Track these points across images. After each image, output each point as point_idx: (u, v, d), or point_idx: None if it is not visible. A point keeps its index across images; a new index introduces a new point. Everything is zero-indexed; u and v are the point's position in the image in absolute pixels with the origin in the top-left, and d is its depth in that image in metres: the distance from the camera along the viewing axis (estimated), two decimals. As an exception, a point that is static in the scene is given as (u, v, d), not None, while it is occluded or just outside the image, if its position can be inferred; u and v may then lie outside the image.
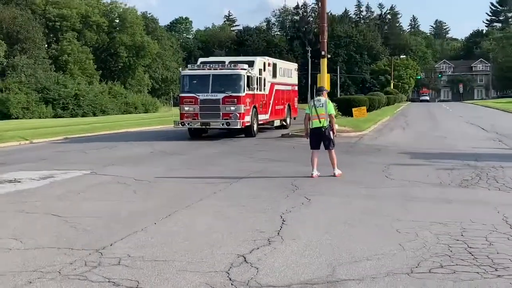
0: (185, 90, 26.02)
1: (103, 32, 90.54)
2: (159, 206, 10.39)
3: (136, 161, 17.91)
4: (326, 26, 29.56)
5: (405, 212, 9.67)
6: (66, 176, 14.49)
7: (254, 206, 10.21)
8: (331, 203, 10.47)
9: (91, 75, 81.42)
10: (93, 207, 10.39)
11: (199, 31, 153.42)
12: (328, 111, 13.87)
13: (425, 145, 22.00)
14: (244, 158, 18.27)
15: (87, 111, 62.79)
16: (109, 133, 31.95)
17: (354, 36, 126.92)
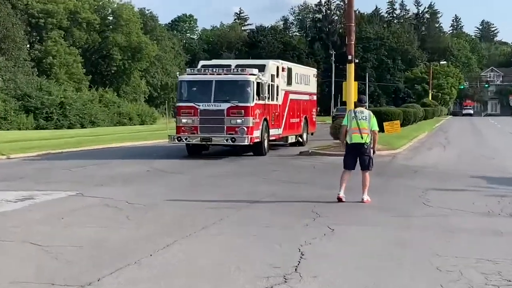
0: (183, 98, 25.46)
1: (94, 31, 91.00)
2: (156, 234, 10.30)
3: (129, 181, 17.85)
4: (354, 26, 29.53)
5: (446, 245, 9.52)
6: (48, 197, 14.44)
7: (267, 236, 10.10)
8: (358, 234, 10.35)
9: (80, 80, 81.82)
10: (79, 234, 10.31)
11: (205, 30, 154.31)
12: (372, 126, 13.71)
13: (469, 167, 21.81)
14: (256, 179, 18.20)
15: (74, 122, 62.92)
16: (99, 148, 31.96)
17: (385, 38, 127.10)
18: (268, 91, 26.24)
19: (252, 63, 28.85)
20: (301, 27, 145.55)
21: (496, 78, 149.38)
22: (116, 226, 11.05)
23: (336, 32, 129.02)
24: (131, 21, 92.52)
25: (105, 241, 9.81)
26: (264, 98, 25.61)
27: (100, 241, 9.81)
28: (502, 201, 13.90)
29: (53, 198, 14.39)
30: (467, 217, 11.97)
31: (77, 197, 14.62)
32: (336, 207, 13.15)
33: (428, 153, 28.56)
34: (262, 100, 25.40)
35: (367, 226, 11.02)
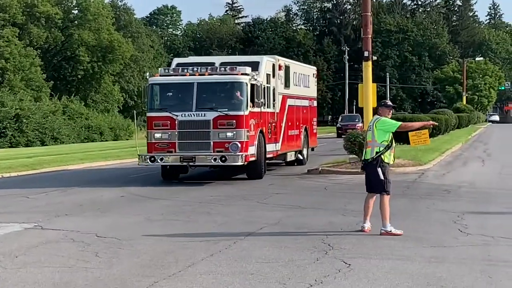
0: (155, 107, 24.09)
1: (55, 27, 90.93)
2: (131, 274, 10.18)
3: (100, 209, 17.79)
4: (371, 17, 29.56)
5: (489, 282, 9.44)
6: (0, 231, 14.33)
7: (268, 275, 9.98)
8: (381, 270, 10.22)
9: (39, 87, 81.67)
10: (36, 276, 10.18)
11: (191, 25, 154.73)
12: (378, 136, 13.32)
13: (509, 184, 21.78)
14: (254, 204, 18.10)
15: (33, 138, 62.89)
16: (63, 170, 31.88)
17: (409, 31, 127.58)
18: (264, 95, 24.84)
19: (243, 59, 27.83)
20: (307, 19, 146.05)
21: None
22: (82, 265, 10.90)
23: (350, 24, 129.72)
24: (100, 15, 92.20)
25: (68, 284, 9.68)
26: (260, 105, 24.16)
27: (62, 284, 9.68)
28: (556, 226, 13.84)
29: (5, 232, 14.27)
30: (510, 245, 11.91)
31: (36, 230, 14.50)
32: (352, 237, 13.03)
33: (463, 169, 28.48)
34: (258, 107, 23.95)
35: (391, 260, 10.90)
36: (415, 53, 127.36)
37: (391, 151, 13.36)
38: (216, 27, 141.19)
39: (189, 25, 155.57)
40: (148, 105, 24.24)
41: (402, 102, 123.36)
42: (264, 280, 9.71)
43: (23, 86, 78.50)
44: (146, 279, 9.82)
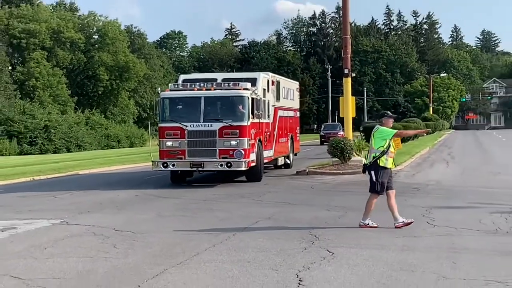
0: (167, 118, 23.28)
1: (78, 50, 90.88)
2: (144, 263, 10.14)
3: (117, 206, 17.74)
4: (350, 39, 29.57)
5: (453, 267, 9.39)
6: (31, 227, 14.27)
7: (262, 262, 9.95)
8: (360, 258, 10.19)
9: (65, 102, 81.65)
10: (62, 266, 10.13)
11: (195, 47, 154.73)
12: (375, 143, 13.24)
13: (475, 183, 21.75)
14: (250, 202, 18.06)
15: (60, 146, 62.77)
16: (86, 173, 31.86)
17: (383, 51, 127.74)
18: (261, 108, 24.21)
19: (241, 76, 27.14)
20: (295, 42, 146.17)
21: (499, 89, 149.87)
22: (102, 255, 10.87)
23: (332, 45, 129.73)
24: (117, 39, 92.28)
25: (90, 272, 9.64)
26: (260, 116, 23.76)
27: (85, 272, 9.64)
28: (510, 218, 13.81)
29: (36, 227, 14.21)
30: (473, 236, 11.86)
31: (62, 225, 14.45)
32: (335, 229, 13.01)
33: (430, 170, 28.46)
34: (257, 118, 23.49)
35: (369, 249, 10.86)
36: (389, 70, 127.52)
37: (388, 156, 13.11)
38: (217, 49, 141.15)
39: (194, 48, 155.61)
40: (160, 116, 23.51)
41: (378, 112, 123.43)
42: (259, 267, 9.68)
43: (51, 101, 78.46)
44: (157, 267, 9.79)
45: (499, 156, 35.41)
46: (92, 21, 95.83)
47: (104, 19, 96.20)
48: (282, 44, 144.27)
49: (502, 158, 34.34)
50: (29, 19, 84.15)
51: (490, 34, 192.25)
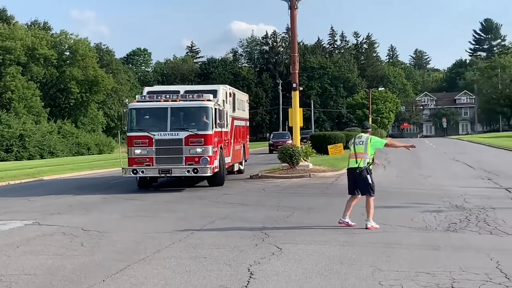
0: (135, 128, 22.28)
1: (51, 65, 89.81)
2: (109, 260, 10.02)
3: (86, 208, 17.51)
4: (298, 57, 29.73)
5: (388, 260, 9.45)
6: (5, 227, 14.04)
7: (217, 258, 9.90)
8: (305, 253, 10.21)
9: (38, 113, 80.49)
10: (33, 262, 9.97)
11: (159, 63, 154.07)
12: (375, 145, 13.12)
13: (408, 185, 21.96)
14: (208, 203, 17.97)
15: (34, 153, 61.93)
16: (58, 178, 31.40)
17: (328, 67, 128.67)
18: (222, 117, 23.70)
19: (202, 88, 26.51)
20: (249, 59, 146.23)
21: (430, 102, 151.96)
22: (70, 253, 10.72)
23: (282, 62, 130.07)
24: (87, 55, 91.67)
25: (59, 268, 9.49)
26: (222, 126, 23.29)
27: (54, 268, 9.49)
28: (438, 216, 13.95)
29: (10, 227, 13.99)
30: (406, 233, 11.95)
31: (34, 226, 14.23)
32: (284, 227, 13.02)
33: (369, 173, 28.61)
34: (220, 127, 23.02)
35: (313, 245, 10.88)
36: (333, 85, 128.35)
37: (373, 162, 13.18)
38: (179, 65, 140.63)
39: (158, 63, 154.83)
40: (128, 126, 22.53)
41: (323, 122, 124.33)
42: (215, 262, 9.63)
43: (26, 112, 77.23)
44: (121, 263, 9.68)
45: (429, 161, 35.84)
46: (64, 39, 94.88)
47: (75, 37, 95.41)
48: (238, 61, 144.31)
49: (432, 163, 34.77)
50: (5, 37, 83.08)
51: (422, 53, 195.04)
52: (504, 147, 52.89)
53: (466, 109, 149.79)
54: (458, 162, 34.32)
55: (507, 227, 12.21)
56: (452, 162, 35.17)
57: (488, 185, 21.39)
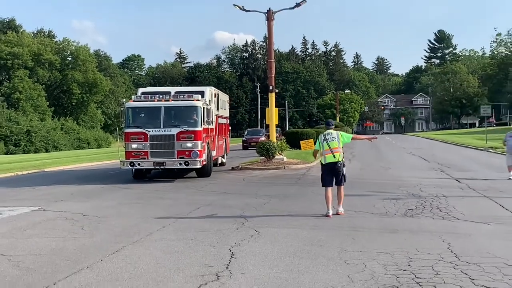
0: (131, 125, 21.94)
1: (55, 69, 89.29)
2: (106, 242, 9.95)
3: (86, 196, 17.36)
4: (274, 62, 29.74)
5: (353, 242, 9.48)
6: (13, 213, 13.87)
7: (203, 240, 9.87)
8: (280, 235, 10.21)
9: (44, 111, 79.90)
10: (39, 244, 9.87)
11: (151, 68, 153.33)
12: (345, 140, 12.86)
13: (370, 176, 22.05)
14: (194, 192, 17.89)
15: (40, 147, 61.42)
16: (61, 169, 31.13)
17: (301, 72, 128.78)
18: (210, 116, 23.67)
19: (191, 89, 26.17)
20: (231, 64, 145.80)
21: (390, 103, 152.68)
22: (72, 236, 10.62)
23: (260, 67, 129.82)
24: (87, 60, 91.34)
25: (62, 249, 9.41)
26: (209, 123, 23.16)
27: (57, 249, 9.40)
28: (397, 203, 14.02)
29: (18, 213, 13.82)
30: (369, 218, 11.99)
31: (39, 212, 14.08)
32: (261, 212, 12.99)
33: (337, 166, 28.66)
34: (207, 124, 22.86)
35: (287, 228, 10.88)
36: (305, 87, 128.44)
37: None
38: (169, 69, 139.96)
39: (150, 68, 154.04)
40: (125, 123, 22.14)
41: (296, 120, 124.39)
42: (200, 243, 9.60)
43: (32, 110, 76.70)
44: (117, 245, 9.62)
45: (389, 155, 36.04)
46: (67, 45, 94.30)
47: (76, 44, 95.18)
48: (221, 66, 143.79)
49: (391, 156, 34.96)
50: (14, 44, 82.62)
51: (383, 59, 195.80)
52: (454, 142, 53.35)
53: (422, 109, 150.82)
54: (415, 156, 34.53)
55: (457, 213, 12.32)
56: (409, 156, 35.38)
57: (441, 176, 21.55)
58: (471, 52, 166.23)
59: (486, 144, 44.11)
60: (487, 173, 22.01)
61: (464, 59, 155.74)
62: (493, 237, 9.75)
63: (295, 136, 42.33)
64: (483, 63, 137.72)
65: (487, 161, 28.94)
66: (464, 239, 9.59)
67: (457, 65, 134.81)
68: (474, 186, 17.42)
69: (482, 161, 29.03)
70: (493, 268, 7.56)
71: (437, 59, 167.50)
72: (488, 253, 8.49)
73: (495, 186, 17.59)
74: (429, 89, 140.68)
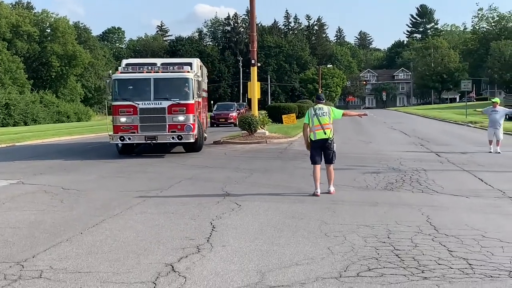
0: (119, 97, 20.66)
1: (34, 41, 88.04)
2: (86, 215, 9.90)
3: (66, 169, 17.23)
4: (256, 36, 29.53)
5: (333, 215, 9.54)
6: (-9, 186, 13.74)
7: (184, 213, 9.86)
8: (261, 208, 10.23)
9: (22, 84, 78.86)
10: (17, 217, 9.80)
11: (132, 41, 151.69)
12: (335, 117, 12.14)
13: (352, 150, 22.12)
14: (176, 166, 17.83)
15: (18, 120, 60.81)
16: (40, 142, 30.83)
17: (283, 46, 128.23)
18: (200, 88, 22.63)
19: (178, 61, 24.76)
20: (213, 38, 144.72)
21: (372, 78, 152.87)
22: (51, 209, 10.56)
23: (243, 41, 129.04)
24: (66, 33, 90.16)
25: (41, 222, 9.35)
26: (200, 96, 22.20)
27: (36, 222, 9.34)
28: (377, 177, 14.13)
29: (-4, 186, 13.69)
30: (350, 191, 12.07)
31: (18, 185, 13.96)
32: (243, 186, 13.01)
33: (318, 140, 28.71)
34: (198, 97, 21.90)
35: (268, 202, 10.91)
36: (287, 62, 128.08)
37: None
38: (150, 43, 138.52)
39: (131, 41, 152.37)
40: (112, 96, 20.84)
41: (279, 95, 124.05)
42: (181, 217, 9.60)
43: (11, 83, 75.59)
44: (97, 218, 9.59)
45: (371, 130, 36.19)
46: (46, 17, 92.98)
47: (55, 16, 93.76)
48: (203, 39, 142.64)
49: (373, 131, 35.11)
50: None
51: (366, 34, 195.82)
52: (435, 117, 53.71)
53: (403, 84, 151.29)
54: (395, 130, 34.73)
55: (436, 186, 12.44)
56: (390, 130, 35.57)
57: (421, 150, 21.71)
58: (452, 27, 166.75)
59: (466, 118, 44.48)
60: (466, 147, 22.22)
61: (446, 34, 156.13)
62: (471, 210, 9.87)
63: (277, 111, 42.28)
64: (464, 38, 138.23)
65: (467, 136, 29.20)
66: (442, 212, 9.69)
67: (438, 40, 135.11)
68: (454, 160, 17.58)
69: (462, 136, 29.28)
70: (471, 240, 7.66)
71: (419, 34, 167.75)
72: (466, 225, 8.59)
73: (474, 160, 17.77)
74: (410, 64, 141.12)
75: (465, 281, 6.01)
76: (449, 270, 6.37)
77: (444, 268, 6.46)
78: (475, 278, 6.09)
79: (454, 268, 6.45)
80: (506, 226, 8.62)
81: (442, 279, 6.06)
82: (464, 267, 6.49)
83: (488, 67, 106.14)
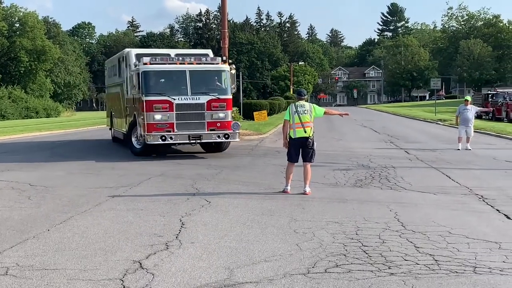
0: (151, 92, 18.31)
1: (2, 36, 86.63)
2: (54, 211, 9.79)
3: (34, 166, 17.00)
4: (228, 33, 29.48)
5: (302, 212, 9.58)
6: (-43, 183, 13.48)
7: (153, 210, 9.81)
8: (231, 205, 10.23)
9: (-10, 79, 77.64)
10: (-17, 215, 9.63)
11: (102, 36, 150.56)
12: (317, 115, 11.81)
13: (322, 147, 22.11)
14: (145, 162, 17.67)
15: (-14, 116, 59.80)
16: (8, 138, 30.36)
17: (255, 43, 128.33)
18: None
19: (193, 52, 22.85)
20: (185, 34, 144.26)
21: (343, 75, 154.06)
22: (18, 205, 10.41)
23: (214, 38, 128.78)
24: (35, 27, 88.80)
25: (7, 219, 9.21)
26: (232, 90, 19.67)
27: (3, 219, 9.20)
28: (347, 174, 14.23)
29: (-39, 183, 13.44)
30: (319, 188, 12.10)
31: (-16, 181, 13.72)
32: (213, 183, 12.98)
33: (289, 137, 28.81)
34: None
35: (238, 199, 10.92)
36: (259, 59, 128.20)
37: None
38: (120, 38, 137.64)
39: (101, 36, 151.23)
40: (142, 90, 18.34)
41: (250, 92, 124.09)
42: (150, 213, 9.55)
43: (-22, 78, 74.40)
44: (65, 215, 9.49)
45: (341, 127, 36.40)
46: (14, 11, 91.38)
47: (24, 10, 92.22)
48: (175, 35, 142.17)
49: (343, 128, 35.33)
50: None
51: (337, 32, 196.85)
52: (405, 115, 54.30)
53: (374, 82, 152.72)
54: (366, 128, 35.02)
55: (405, 184, 12.58)
56: (360, 127, 35.85)
57: (390, 147, 21.93)
58: (422, 25, 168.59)
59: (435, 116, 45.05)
60: (435, 145, 22.51)
61: (416, 33, 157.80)
62: (439, 206, 10.00)
63: (249, 108, 42.29)
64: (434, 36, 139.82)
65: (436, 133, 29.58)
66: (410, 208, 9.81)
67: (409, 38, 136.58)
68: (422, 157, 17.80)
69: (431, 133, 29.65)
70: (437, 237, 7.76)
71: (390, 32, 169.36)
72: (433, 222, 8.71)
73: (442, 157, 18.02)
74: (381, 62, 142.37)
75: (431, 276, 6.09)
76: (416, 266, 6.45)
77: (410, 264, 6.54)
78: (440, 274, 6.18)
79: (420, 264, 6.54)
80: (472, 222, 8.76)
81: (408, 275, 6.13)
82: (430, 263, 6.58)
83: (457, 66, 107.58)
